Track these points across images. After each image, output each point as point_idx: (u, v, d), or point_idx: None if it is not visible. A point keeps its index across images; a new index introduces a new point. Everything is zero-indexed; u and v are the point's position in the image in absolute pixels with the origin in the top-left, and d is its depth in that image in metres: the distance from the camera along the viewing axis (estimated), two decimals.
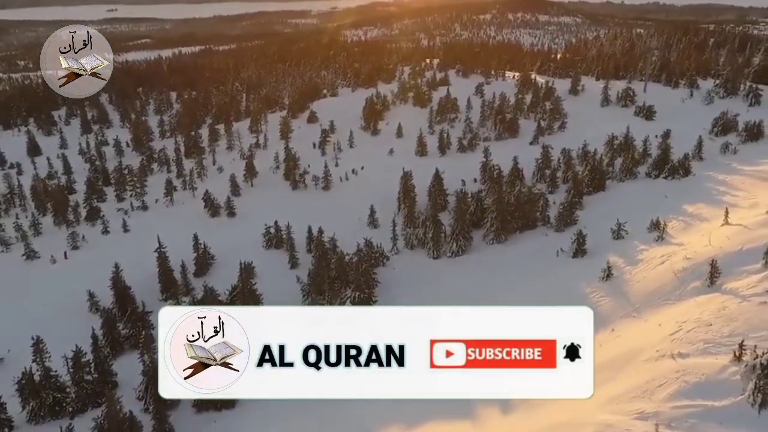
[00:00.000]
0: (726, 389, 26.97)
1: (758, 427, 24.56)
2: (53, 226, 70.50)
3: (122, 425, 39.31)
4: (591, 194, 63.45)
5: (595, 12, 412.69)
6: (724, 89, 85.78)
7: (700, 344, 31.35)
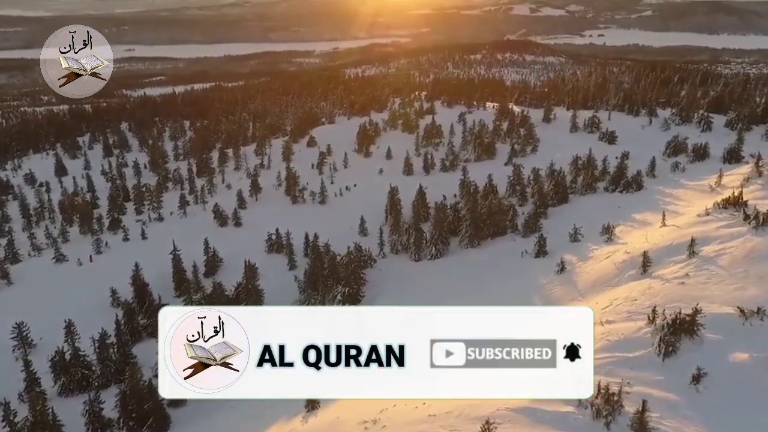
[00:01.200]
0: (639, 344, 31.17)
1: (660, 370, 28.75)
2: (79, 235, 74.98)
3: (142, 391, 43.54)
4: (555, 206, 68.09)
5: (578, 52, 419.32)
6: (679, 117, 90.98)
7: (624, 314, 35.65)
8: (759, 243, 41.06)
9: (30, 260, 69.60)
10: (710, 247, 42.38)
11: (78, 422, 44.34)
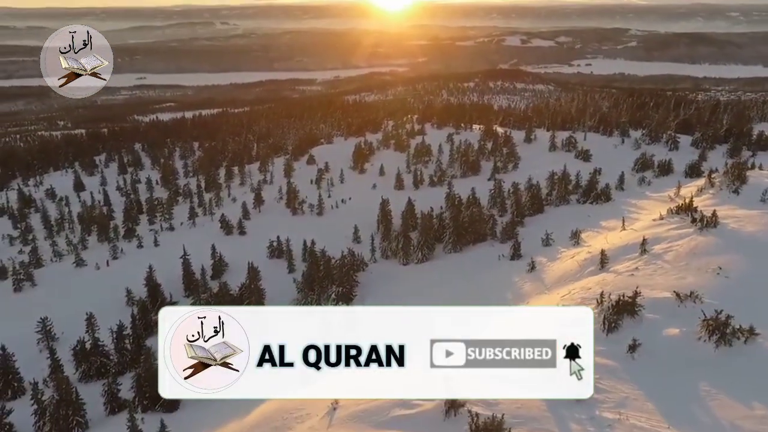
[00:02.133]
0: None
1: (604, 343, 31.79)
2: (97, 243, 78.58)
3: (155, 375, 46.75)
4: (531, 216, 71.77)
5: (566, 80, 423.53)
6: (649, 137, 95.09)
7: (578, 299, 39.19)
8: (701, 241, 44.80)
9: (52, 265, 73.14)
10: (660, 245, 46.10)
11: (97, 403, 47.57)
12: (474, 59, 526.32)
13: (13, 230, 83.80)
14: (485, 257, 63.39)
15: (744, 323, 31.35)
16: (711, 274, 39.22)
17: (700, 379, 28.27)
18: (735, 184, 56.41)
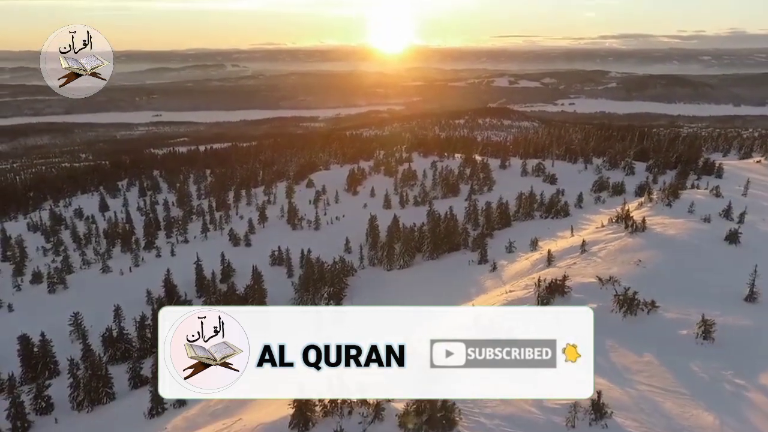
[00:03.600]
0: (526, 300, 40.34)
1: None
2: (120, 253, 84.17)
3: None
4: (500, 229, 77.53)
5: (550, 118, 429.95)
6: (609, 164, 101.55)
7: (524, 286, 44.90)
8: (630, 242, 50.91)
9: (81, 271, 78.57)
10: (597, 246, 52.15)
11: (122, 380, 52.87)
12: (465, 98, 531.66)
13: (46, 243, 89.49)
14: (457, 263, 69.16)
15: (649, 299, 37.43)
16: (632, 265, 45.35)
17: (608, 339, 34.35)
18: (669, 200, 62.81)
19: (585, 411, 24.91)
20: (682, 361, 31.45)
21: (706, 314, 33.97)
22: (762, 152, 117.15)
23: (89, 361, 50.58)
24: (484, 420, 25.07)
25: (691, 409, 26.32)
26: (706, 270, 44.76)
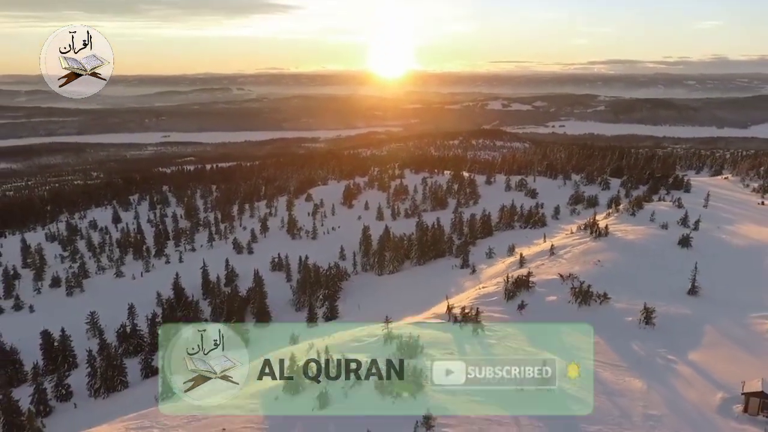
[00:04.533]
0: (495, 294, 43.87)
1: (504, 305, 41.39)
2: (132, 260, 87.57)
3: None
4: (482, 238, 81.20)
5: (541, 139, 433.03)
6: (586, 180, 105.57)
7: (495, 283, 48.63)
8: (593, 245, 54.70)
9: (96, 276, 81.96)
10: (564, 249, 55.88)
11: (135, 371, 56.28)
12: (460, 120, 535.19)
13: (63, 252, 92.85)
14: (442, 268, 72.76)
15: (602, 293, 41.24)
16: (591, 264, 49.17)
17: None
18: (633, 210, 66.72)
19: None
20: (624, 341, 35.16)
21: (651, 305, 37.77)
22: (731, 170, 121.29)
23: (105, 353, 53.92)
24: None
25: (625, 377, 30.00)
26: (658, 268, 48.59)
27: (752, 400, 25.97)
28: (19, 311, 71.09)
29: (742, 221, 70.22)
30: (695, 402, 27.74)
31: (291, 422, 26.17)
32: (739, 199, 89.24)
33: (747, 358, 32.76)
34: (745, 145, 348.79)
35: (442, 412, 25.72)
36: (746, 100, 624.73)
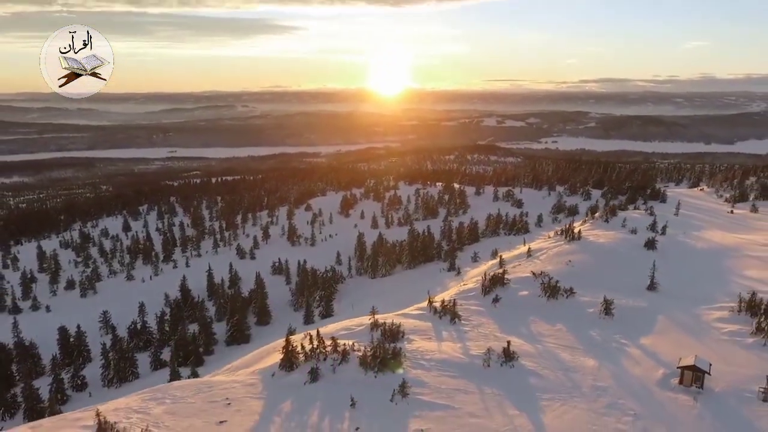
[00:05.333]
0: (474, 290, 46.92)
1: (480, 300, 44.47)
2: (142, 265, 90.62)
3: (187, 342, 58.54)
4: (469, 244, 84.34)
5: (534, 154, 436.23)
6: (569, 191, 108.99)
7: (475, 281, 51.78)
8: (566, 248, 57.87)
9: (108, 279, 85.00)
10: (540, 252, 59.03)
11: (145, 364, 59.17)
12: (456, 136, 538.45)
13: (76, 257, 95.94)
14: (431, 271, 75.84)
15: (569, 288, 44.39)
16: (563, 264, 52.34)
17: (531, 315, 41.39)
18: (606, 217, 70.03)
19: (498, 356, 31.77)
20: (584, 329, 38.23)
21: (612, 298, 40.90)
22: (707, 182, 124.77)
23: (118, 347, 56.96)
24: (423, 362, 31.92)
25: (581, 357, 33.10)
26: (623, 268, 51.71)
27: (686, 373, 28.99)
28: (36, 311, 74.03)
29: (710, 228, 73.46)
30: (639, 377, 30.79)
31: (285, 392, 29.30)
32: (711, 208, 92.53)
33: (691, 342, 35.83)
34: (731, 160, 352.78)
35: (417, 383, 29.01)
36: (733, 117, 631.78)
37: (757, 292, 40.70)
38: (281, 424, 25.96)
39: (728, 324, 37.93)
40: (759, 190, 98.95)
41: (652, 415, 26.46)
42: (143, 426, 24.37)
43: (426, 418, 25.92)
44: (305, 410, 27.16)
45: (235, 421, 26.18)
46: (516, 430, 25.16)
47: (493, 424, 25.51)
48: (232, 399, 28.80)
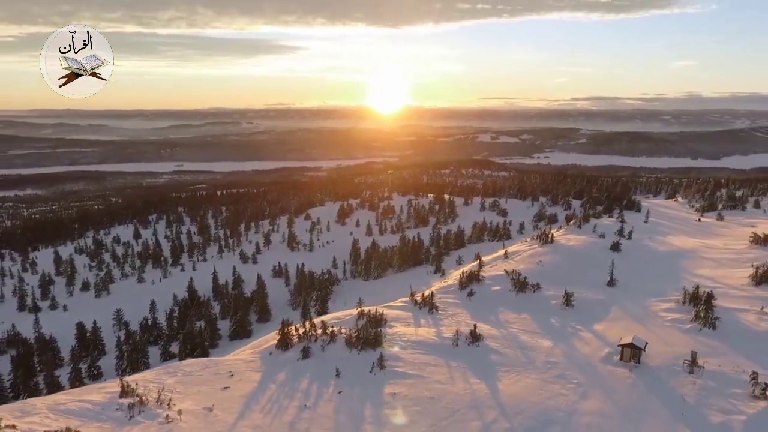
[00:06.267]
0: (453, 286, 50.48)
1: (457, 294, 48.01)
2: (152, 269, 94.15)
3: (194, 336, 61.96)
4: (455, 249, 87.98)
5: (526, 169, 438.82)
6: (551, 201, 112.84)
7: (454, 279, 55.46)
8: (539, 250, 61.55)
9: (121, 281, 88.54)
10: (517, 254, 62.70)
11: (155, 356, 62.58)
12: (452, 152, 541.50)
13: (90, 262, 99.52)
14: (419, 273, 79.43)
15: (536, 283, 48.04)
16: (534, 264, 56.04)
17: (500, 306, 45.06)
18: (579, 223, 73.78)
19: (466, 337, 35.43)
20: (546, 317, 41.88)
21: (573, 292, 44.60)
22: (682, 194, 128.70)
23: (131, 340, 60.46)
24: (401, 343, 35.59)
25: (539, 339, 36.75)
26: (589, 267, 55.30)
27: (625, 350, 32.64)
28: (54, 310, 77.49)
29: (676, 234, 77.16)
30: (586, 354, 34.43)
31: (281, 366, 33.01)
32: (681, 217, 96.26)
33: (638, 328, 39.42)
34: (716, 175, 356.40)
35: (394, 359, 32.68)
36: (718, 134, 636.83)
37: (702, 286, 44.38)
38: (276, 389, 29.70)
39: (672, 313, 41.61)
40: (726, 201, 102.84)
41: (592, 384, 30.14)
42: (159, 390, 28.05)
43: (399, 385, 29.61)
44: (297, 379, 30.86)
45: (237, 387, 29.92)
46: (474, 393, 28.88)
47: (455, 389, 29.20)
48: (235, 372, 32.50)
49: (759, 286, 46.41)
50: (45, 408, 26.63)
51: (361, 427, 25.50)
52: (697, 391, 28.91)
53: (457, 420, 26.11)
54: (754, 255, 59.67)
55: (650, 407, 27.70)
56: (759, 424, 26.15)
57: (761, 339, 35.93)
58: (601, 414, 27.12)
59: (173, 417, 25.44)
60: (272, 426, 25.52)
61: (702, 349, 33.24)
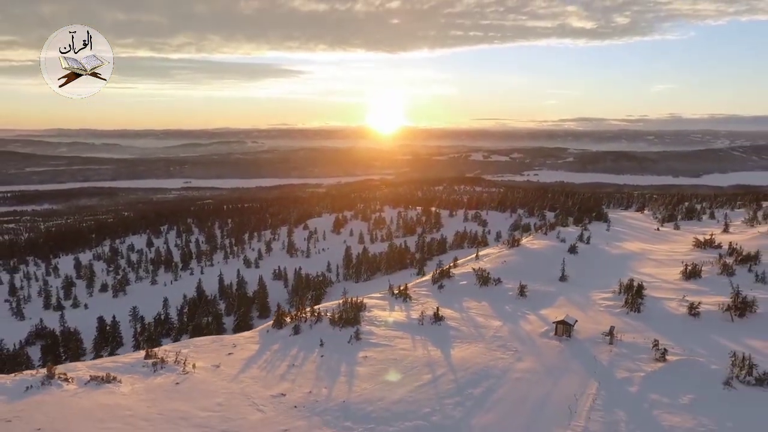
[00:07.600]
0: (427, 281, 56.14)
1: (430, 288, 53.40)
2: (164, 273, 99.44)
3: (202, 328, 67.10)
4: (438, 255, 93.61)
5: (516, 186, 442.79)
6: (528, 213, 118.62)
7: (428, 277, 60.89)
8: (506, 252, 66.99)
9: (136, 284, 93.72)
10: (487, 256, 68.08)
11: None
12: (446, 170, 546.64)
13: (108, 267, 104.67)
14: (404, 275, 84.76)
15: (497, 278, 53.40)
16: (499, 263, 61.49)
17: (465, 297, 50.40)
18: (545, 230, 79.31)
19: (430, 318, 40.86)
20: (502, 305, 47.18)
21: (528, 286, 50.02)
22: (649, 206, 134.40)
23: (147, 332, 65.65)
24: (376, 322, 41.03)
25: (491, 320, 42.10)
26: (547, 266, 60.64)
27: (558, 326, 37.93)
28: (77, 308, 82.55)
29: (632, 240, 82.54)
30: (528, 331, 39.70)
31: (275, 340, 38.42)
32: (643, 226, 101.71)
33: (578, 313, 44.70)
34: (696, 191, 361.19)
35: (368, 334, 38.07)
36: (698, 153, 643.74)
37: (638, 280, 49.82)
38: (271, 355, 35.12)
39: (608, 301, 46.94)
40: (686, 212, 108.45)
41: (528, 351, 35.55)
42: (176, 354, 33.56)
43: (370, 351, 34.96)
44: (288, 348, 36.29)
45: (239, 354, 35.32)
46: (430, 356, 34.29)
47: (415, 354, 34.57)
48: (237, 344, 37.86)
49: (688, 280, 51.77)
50: (85, 367, 32.17)
51: (337, 378, 30.92)
52: (611, 357, 34.31)
53: (414, 374, 31.56)
54: (693, 257, 65.10)
55: (571, 367, 33.04)
56: (654, 378, 31.62)
57: (676, 320, 41.31)
58: (530, 371, 32.44)
59: (189, 370, 30.97)
60: (267, 377, 30.96)
61: (624, 327, 38.62)
